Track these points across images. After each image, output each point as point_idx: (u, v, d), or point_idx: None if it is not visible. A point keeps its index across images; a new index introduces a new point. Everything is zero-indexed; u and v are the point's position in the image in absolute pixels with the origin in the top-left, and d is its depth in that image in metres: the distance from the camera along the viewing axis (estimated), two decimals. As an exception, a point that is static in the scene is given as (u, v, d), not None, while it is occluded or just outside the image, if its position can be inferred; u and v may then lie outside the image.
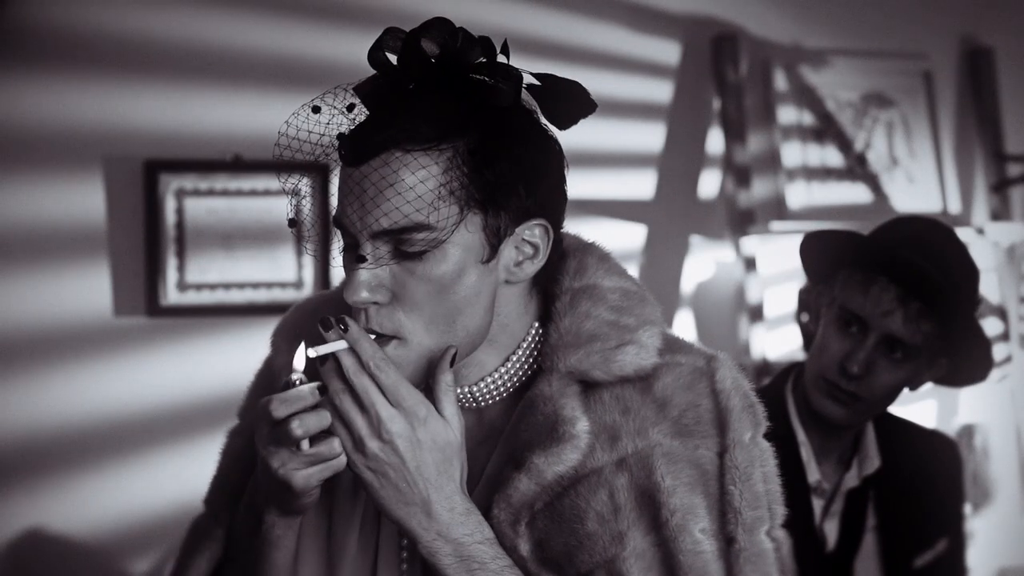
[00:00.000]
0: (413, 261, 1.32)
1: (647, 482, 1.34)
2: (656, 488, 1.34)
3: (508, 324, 1.42)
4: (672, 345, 1.43)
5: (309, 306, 1.58)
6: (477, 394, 1.43)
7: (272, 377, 1.57)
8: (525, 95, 1.38)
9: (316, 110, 1.36)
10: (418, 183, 1.31)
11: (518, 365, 1.43)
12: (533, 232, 1.39)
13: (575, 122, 1.39)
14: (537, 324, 1.44)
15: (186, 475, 2.86)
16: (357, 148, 1.32)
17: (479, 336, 1.38)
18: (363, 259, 1.32)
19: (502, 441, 1.42)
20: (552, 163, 1.40)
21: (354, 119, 1.36)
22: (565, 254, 1.47)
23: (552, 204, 1.41)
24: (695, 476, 1.35)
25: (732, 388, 1.39)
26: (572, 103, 1.39)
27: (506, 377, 1.43)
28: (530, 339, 1.44)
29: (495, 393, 1.43)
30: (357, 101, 1.36)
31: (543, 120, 1.41)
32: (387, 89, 1.35)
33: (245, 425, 1.58)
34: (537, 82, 1.38)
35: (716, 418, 1.38)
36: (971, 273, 2.18)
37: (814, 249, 2.26)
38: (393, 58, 1.37)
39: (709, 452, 1.36)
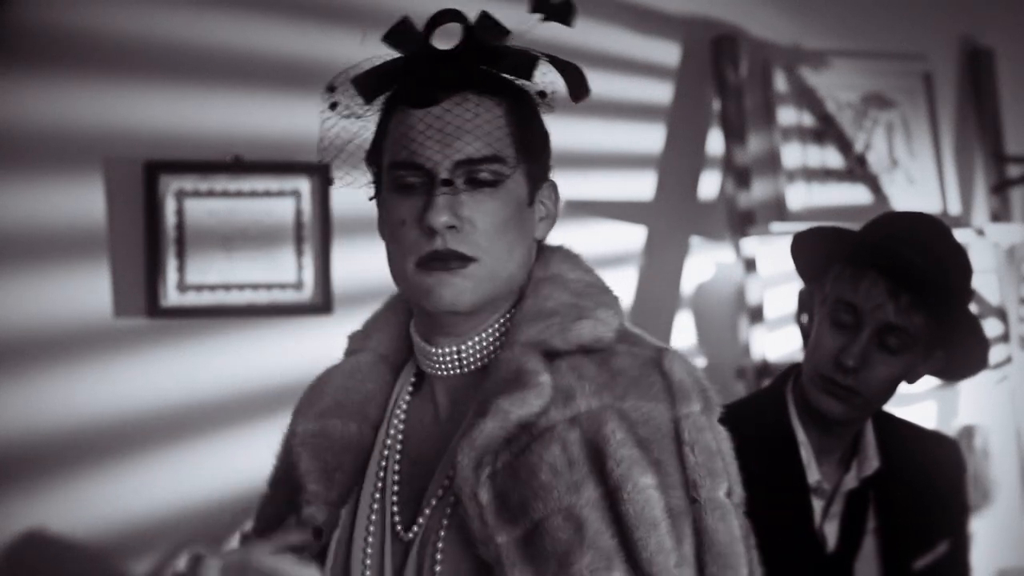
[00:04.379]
0: (484, 192, 1.46)
1: (597, 436, 1.42)
2: (605, 441, 1.41)
3: (515, 277, 1.51)
4: (627, 337, 1.52)
5: (330, 379, 1.63)
6: (462, 356, 1.51)
7: (288, 450, 1.61)
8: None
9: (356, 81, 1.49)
10: (493, 119, 1.47)
11: (492, 337, 1.52)
12: (546, 193, 1.54)
13: (588, 95, 1.51)
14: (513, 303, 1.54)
15: (186, 476, 2.86)
16: (431, 90, 1.45)
17: (519, 275, 1.51)
18: (449, 183, 1.44)
19: (472, 403, 1.48)
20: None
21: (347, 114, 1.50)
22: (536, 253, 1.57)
23: (548, 174, 1.56)
24: (644, 433, 1.43)
25: (681, 370, 1.47)
26: (582, 81, 1.51)
27: (480, 346, 1.51)
28: (507, 315, 1.53)
29: (470, 361, 1.51)
30: (339, 99, 1.49)
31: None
32: (430, 54, 1.48)
33: (273, 494, 1.62)
34: (548, 61, 1.51)
35: (667, 391, 1.46)
36: (962, 264, 2.18)
37: (805, 248, 2.26)
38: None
39: (663, 416, 1.44)
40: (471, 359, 1.51)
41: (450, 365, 1.52)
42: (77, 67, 2.85)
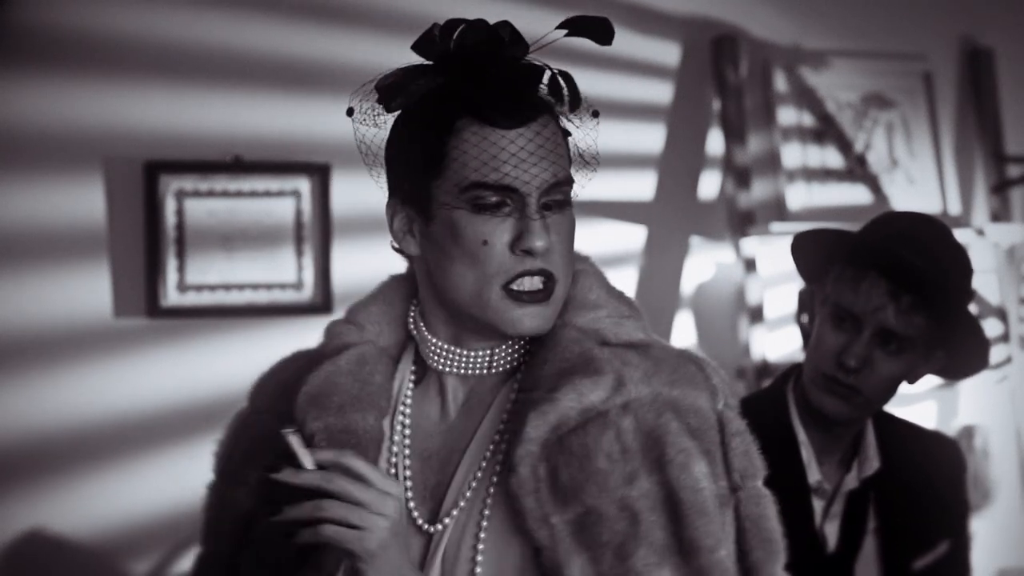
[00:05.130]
0: (562, 212, 1.47)
1: (654, 424, 1.43)
2: (663, 430, 1.43)
3: None
4: (655, 341, 1.55)
5: (296, 362, 1.64)
6: (495, 358, 1.51)
7: (248, 427, 1.61)
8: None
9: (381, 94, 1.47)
10: (563, 139, 1.49)
11: (526, 339, 1.51)
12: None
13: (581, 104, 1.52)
14: None
15: (185, 476, 2.85)
16: (518, 113, 1.44)
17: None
18: (549, 207, 1.46)
19: (520, 378, 1.49)
20: None
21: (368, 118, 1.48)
22: None
23: None
24: (693, 423, 1.45)
25: (711, 367, 1.52)
26: (576, 89, 1.52)
27: (512, 348, 1.51)
28: None
29: (500, 364, 1.51)
30: (354, 105, 1.47)
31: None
32: (483, 69, 1.46)
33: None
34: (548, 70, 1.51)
35: (707, 382, 1.49)
36: (961, 264, 2.18)
37: (805, 248, 2.27)
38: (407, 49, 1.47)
39: (707, 406, 1.47)
40: (504, 361, 1.51)
41: (479, 366, 1.51)
42: (77, 67, 2.85)
